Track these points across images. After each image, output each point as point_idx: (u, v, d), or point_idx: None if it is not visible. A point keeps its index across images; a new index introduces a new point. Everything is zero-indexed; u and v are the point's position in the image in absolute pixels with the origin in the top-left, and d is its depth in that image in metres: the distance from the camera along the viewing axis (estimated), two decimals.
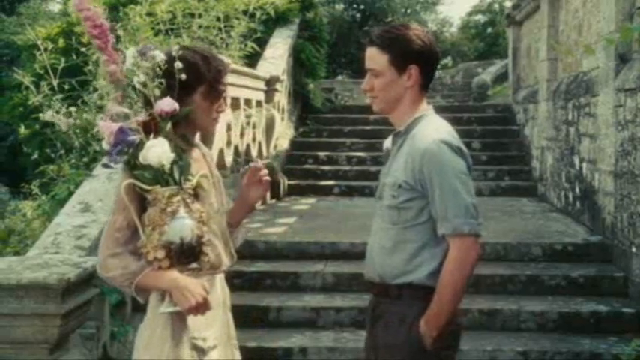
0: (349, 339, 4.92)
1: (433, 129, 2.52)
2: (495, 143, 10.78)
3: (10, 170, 19.85)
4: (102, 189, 4.10)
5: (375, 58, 2.55)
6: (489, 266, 5.83)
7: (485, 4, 35.25)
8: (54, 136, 7.55)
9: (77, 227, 3.65)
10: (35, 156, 7.37)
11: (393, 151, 2.63)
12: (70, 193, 4.90)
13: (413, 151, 2.49)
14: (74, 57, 7.94)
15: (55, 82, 7.38)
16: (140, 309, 4.44)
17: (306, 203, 8.74)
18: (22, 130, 8.21)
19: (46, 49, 7.57)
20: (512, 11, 11.75)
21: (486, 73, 18.24)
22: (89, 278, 3.13)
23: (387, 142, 2.73)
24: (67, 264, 3.05)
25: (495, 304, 5.27)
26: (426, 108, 2.62)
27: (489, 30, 33.71)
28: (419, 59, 2.53)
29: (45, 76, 7.49)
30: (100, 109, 7.57)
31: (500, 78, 17.38)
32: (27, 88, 7.55)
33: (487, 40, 32.65)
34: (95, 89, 7.56)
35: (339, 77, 26.01)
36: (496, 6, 33.87)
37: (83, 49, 7.76)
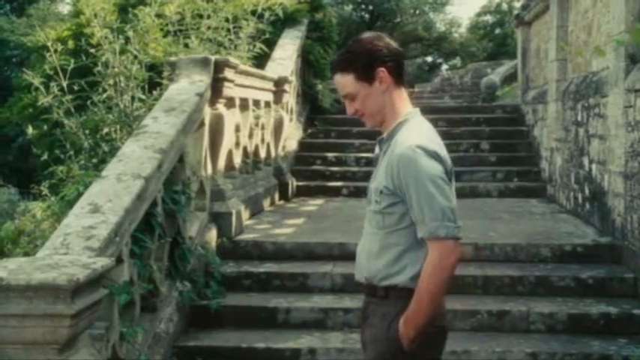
0: (358, 340, 4.89)
1: (412, 134, 2.56)
2: (504, 144, 10.76)
3: (19, 171, 19.92)
4: (111, 190, 4.10)
5: (342, 83, 2.64)
6: (498, 267, 5.82)
7: (493, 5, 35.21)
8: (63, 136, 7.59)
9: (86, 228, 3.65)
10: (45, 157, 7.41)
11: (379, 157, 2.70)
12: (80, 194, 4.91)
13: (392, 156, 2.54)
14: (83, 58, 7.98)
15: (64, 83, 7.42)
16: (149, 310, 4.47)
17: (314, 204, 8.74)
18: (32, 130, 8.24)
19: (55, 51, 7.61)
20: (522, 12, 11.72)
21: (495, 74, 18.19)
22: (98, 279, 3.13)
23: (377, 148, 2.79)
24: (77, 265, 3.05)
25: (504, 306, 5.25)
26: (410, 111, 2.67)
27: (498, 30, 33.67)
28: (381, 62, 2.59)
29: (54, 77, 7.53)
30: (109, 109, 7.62)
31: (509, 78, 17.33)
32: (36, 89, 7.60)
33: (496, 40, 32.60)
34: (104, 90, 7.59)
35: None
36: (505, 6, 33.83)
37: (92, 51, 7.80)
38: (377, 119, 2.67)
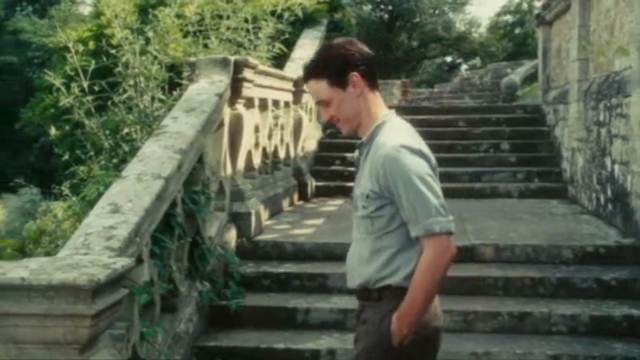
0: None
1: (392, 134, 2.56)
2: (525, 144, 10.67)
3: (41, 171, 20.07)
4: (131, 190, 4.11)
5: (316, 89, 2.65)
6: (519, 269, 5.77)
7: (513, 5, 34.99)
8: (84, 137, 7.64)
9: (107, 228, 3.66)
10: (66, 157, 7.46)
11: (361, 162, 2.69)
12: (100, 194, 4.94)
13: (375, 159, 2.54)
14: (104, 59, 8.02)
15: (85, 84, 7.47)
16: (168, 310, 4.48)
17: (333, 204, 8.73)
18: (53, 131, 8.30)
19: (76, 52, 7.66)
20: (542, 11, 11.62)
21: (515, 74, 18.08)
22: (119, 279, 3.13)
23: (357, 152, 2.79)
24: (97, 265, 3.06)
25: (525, 307, 5.20)
26: (386, 113, 2.68)
27: (518, 30, 33.47)
28: (353, 66, 2.60)
29: (75, 77, 7.58)
30: (130, 110, 7.66)
31: (530, 78, 17.23)
32: (58, 89, 7.65)
33: (516, 40, 32.41)
34: (124, 91, 7.63)
35: None
36: (525, 6, 33.60)
37: (113, 51, 7.85)
38: (353, 124, 2.67)
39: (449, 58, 37.11)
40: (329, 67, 2.61)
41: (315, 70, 2.64)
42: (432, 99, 17.44)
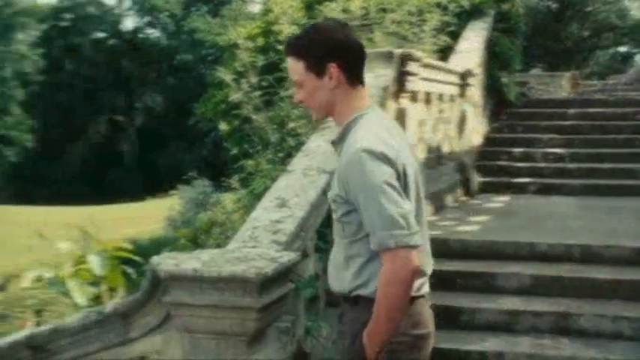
0: (548, 346, 4.64)
1: (361, 134, 2.37)
2: None
3: (213, 164, 21.04)
4: (297, 184, 4.14)
5: (293, 68, 2.50)
6: None
7: None
8: (252, 131, 7.86)
9: (274, 222, 3.71)
10: (234, 151, 7.72)
11: (338, 160, 2.52)
12: (267, 188, 5.03)
13: (341, 162, 2.40)
14: (272, 55, 8.21)
15: (253, 80, 7.68)
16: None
17: (499, 201, 8.43)
18: (223, 126, 8.60)
19: (246, 48, 7.89)
20: None
21: None
22: (285, 273, 3.16)
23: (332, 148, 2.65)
24: (265, 258, 3.09)
25: None
26: (362, 107, 2.49)
27: None
28: (335, 56, 2.43)
29: (244, 73, 7.81)
30: (295, 105, 7.79)
31: None
32: (228, 85, 7.93)
33: None
34: (291, 85, 7.77)
35: (534, 71, 24.96)
36: None
37: (280, 47, 8.01)
38: (321, 114, 2.54)
39: (623, 48, 34.97)
40: (309, 50, 2.45)
41: (294, 48, 2.49)
42: (606, 91, 16.49)
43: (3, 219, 26.80)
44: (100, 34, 51.88)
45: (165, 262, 3.02)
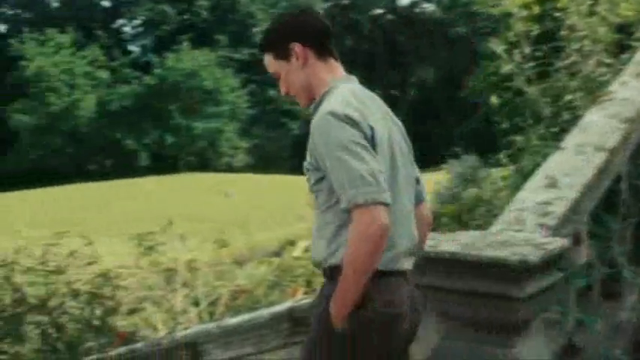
0: None
1: (330, 101, 2.36)
2: None
3: (482, 137, 20.69)
4: (569, 163, 3.81)
5: (266, 63, 2.56)
6: None
7: None
8: (523, 105, 7.48)
9: (541, 204, 3.43)
10: (504, 125, 7.40)
11: None
12: (536, 166, 4.72)
13: (310, 130, 2.40)
14: (548, 23, 7.74)
15: (527, 50, 7.27)
16: (606, 296, 4.08)
17: None
18: (493, 99, 8.30)
19: (520, 17, 7.51)
20: None
21: None
22: (554, 260, 2.91)
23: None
24: (530, 244, 2.87)
25: None
26: (336, 79, 2.48)
27: None
28: (295, 36, 2.47)
29: (517, 44, 7.43)
30: (572, 76, 7.25)
31: None
32: (499, 57, 7.60)
33: None
34: (568, 55, 7.25)
35: None
36: None
37: (558, 14, 7.50)
38: (303, 98, 2.51)
39: None
40: (271, 40, 2.53)
41: (261, 45, 2.57)
42: None
43: (284, 188, 28.78)
44: (378, 11, 53.54)
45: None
